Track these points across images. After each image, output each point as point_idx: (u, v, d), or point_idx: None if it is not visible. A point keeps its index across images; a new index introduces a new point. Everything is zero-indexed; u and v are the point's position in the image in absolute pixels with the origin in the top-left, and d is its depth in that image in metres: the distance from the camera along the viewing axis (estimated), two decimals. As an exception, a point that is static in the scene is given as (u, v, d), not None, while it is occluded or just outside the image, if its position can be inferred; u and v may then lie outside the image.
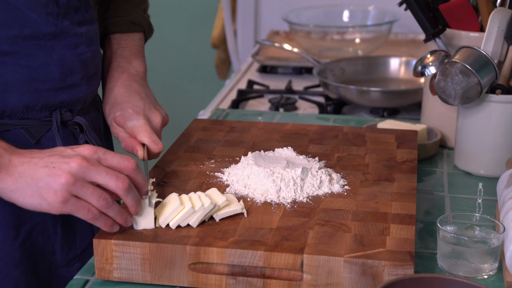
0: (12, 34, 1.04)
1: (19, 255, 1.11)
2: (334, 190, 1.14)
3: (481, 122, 1.33)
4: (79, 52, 1.12)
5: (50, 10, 1.07)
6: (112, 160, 0.96)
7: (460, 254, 1.01)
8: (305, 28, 2.20)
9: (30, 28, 1.05)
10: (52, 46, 1.08)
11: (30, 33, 1.05)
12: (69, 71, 1.11)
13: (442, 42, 1.41)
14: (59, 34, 1.08)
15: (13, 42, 1.04)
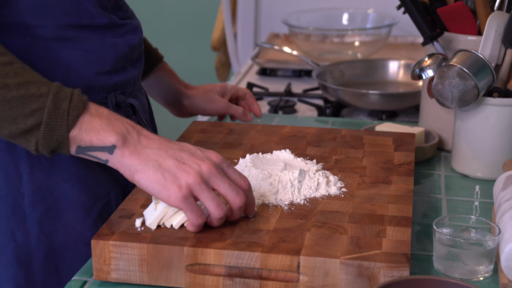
0: (74, 22, 1.10)
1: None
2: (331, 192, 1.14)
3: (478, 125, 1.34)
4: (127, 38, 1.19)
5: (103, 4, 1.15)
6: (233, 175, 1.01)
7: (455, 256, 1.01)
8: (304, 31, 2.21)
9: (88, 19, 1.12)
10: (104, 34, 1.15)
11: (87, 23, 1.12)
12: (121, 54, 1.17)
13: (440, 46, 1.41)
14: (109, 25, 1.15)
15: (73, 29, 1.10)
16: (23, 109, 0.96)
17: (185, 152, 0.99)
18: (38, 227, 1.12)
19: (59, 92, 0.98)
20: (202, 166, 0.98)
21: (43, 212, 1.12)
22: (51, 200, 1.12)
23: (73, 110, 0.98)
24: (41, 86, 0.98)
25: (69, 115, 0.97)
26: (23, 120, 0.97)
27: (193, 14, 3.75)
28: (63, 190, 1.13)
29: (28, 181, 1.11)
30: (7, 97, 0.96)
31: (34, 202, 1.11)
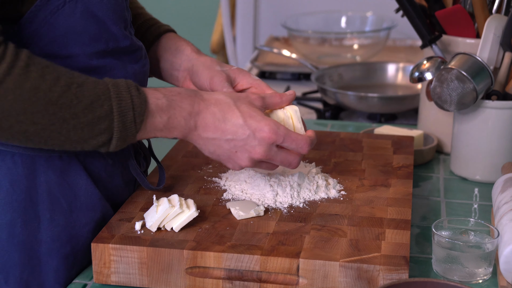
0: (100, 48, 1.06)
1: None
2: (331, 195, 1.15)
3: (477, 128, 1.34)
4: (142, 64, 1.14)
5: (126, 24, 1.10)
6: (290, 147, 1.06)
7: (454, 258, 1.02)
8: (303, 34, 2.21)
9: (113, 42, 1.07)
10: (124, 60, 1.10)
11: (112, 47, 1.07)
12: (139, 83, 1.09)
13: (438, 49, 1.42)
14: (129, 48, 1.10)
15: (99, 57, 1.06)
16: (94, 131, 0.97)
17: (237, 141, 1.04)
18: (54, 277, 1.06)
19: (120, 104, 0.98)
20: (253, 154, 1.05)
21: (60, 261, 1.06)
22: (69, 248, 1.07)
23: (138, 117, 0.99)
24: (104, 102, 0.97)
25: (135, 123, 0.99)
26: (96, 139, 0.97)
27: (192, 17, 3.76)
28: (81, 237, 1.08)
29: (47, 227, 1.05)
30: (78, 126, 0.95)
31: (51, 249, 1.06)
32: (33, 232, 1.05)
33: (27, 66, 0.91)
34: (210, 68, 1.18)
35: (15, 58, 0.91)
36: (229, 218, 1.07)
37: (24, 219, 1.04)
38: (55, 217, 1.06)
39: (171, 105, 1.02)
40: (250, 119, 1.04)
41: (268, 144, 1.04)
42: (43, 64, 0.94)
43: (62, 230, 1.06)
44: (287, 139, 1.05)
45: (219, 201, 1.13)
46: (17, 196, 1.04)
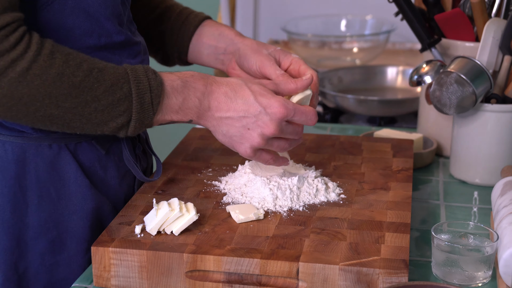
0: (92, 43, 1.09)
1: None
2: (330, 198, 1.15)
3: (476, 131, 1.34)
4: (139, 60, 1.17)
5: (120, 20, 1.12)
6: (300, 120, 1.09)
7: (454, 262, 1.02)
8: (303, 38, 2.22)
9: (105, 38, 1.10)
10: (120, 55, 1.13)
11: (105, 42, 1.10)
12: None
13: (437, 52, 1.42)
14: (125, 44, 1.13)
15: (91, 52, 1.08)
16: (114, 112, 1.02)
17: (249, 118, 1.07)
18: (39, 259, 1.11)
19: (139, 86, 1.03)
20: (265, 130, 1.07)
21: (45, 245, 1.11)
22: (55, 233, 1.11)
23: (155, 98, 1.04)
24: (123, 85, 1.02)
25: (153, 104, 1.04)
26: (115, 121, 1.03)
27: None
28: (68, 223, 1.12)
29: (35, 212, 1.10)
30: (99, 108, 1.01)
31: (38, 234, 1.10)
32: (21, 216, 1.09)
33: (52, 54, 0.98)
34: (258, 52, 1.21)
35: (41, 46, 0.97)
36: (229, 221, 1.07)
37: (13, 204, 1.08)
38: (43, 203, 1.10)
39: (185, 86, 1.06)
40: (260, 97, 1.07)
41: (279, 119, 1.07)
42: (67, 51, 1.00)
43: (49, 216, 1.10)
44: (297, 113, 1.08)
45: (219, 204, 1.13)
46: (7, 182, 1.08)
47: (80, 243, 1.13)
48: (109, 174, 1.16)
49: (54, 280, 1.12)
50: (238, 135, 1.08)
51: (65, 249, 1.12)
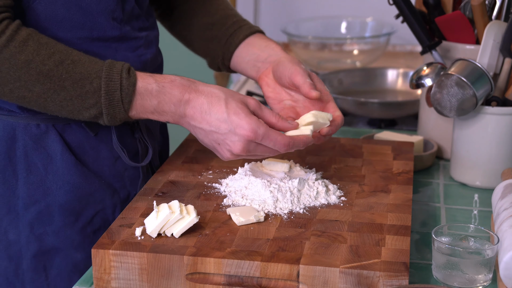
0: (83, 35, 1.15)
1: (78, 238, 1.21)
2: (331, 201, 1.15)
3: (477, 134, 1.34)
4: (139, 53, 1.22)
5: (115, 16, 1.17)
6: (268, 146, 1.09)
7: (454, 265, 1.02)
8: (303, 40, 2.22)
9: (98, 31, 1.16)
10: (116, 48, 1.18)
11: (97, 36, 1.16)
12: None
13: (438, 55, 1.42)
14: (121, 38, 1.19)
15: (82, 43, 1.15)
16: (84, 104, 1.09)
17: (219, 134, 1.09)
18: (29, 228, 1.19)
19: (109, 84, 1.08)
20: (232, 148, 1.09)
21: (34, 215, 1.19)
22: (43, 204, 1.19)
23: (126, 97, 1.09)
24: (93, 80, 1.08)
25: (123, 102, 1.09)
26: (87, 111, 1.09)
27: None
28: (56, 196, 1.19)
29: (24, 184, 1.18)
30: (68, 97, 1.08)
31: (27, 204, 1.18)
32: (12, 188, 1.18)
33: (25, 41, 1.05)
34: (295, 63, 1.24)
35: (15, 33, 1.05)
36: (229, 224, 1.07)
37: (4, 177, 1.18)
38: (31, 177, 1.18)
39: (160, 91, 1.10)
40: (233, 115, 1.08)
41: (247, 141, 1.08)
42: (43, 41, 1.07)
43: (37, 188, 1.18)
44: (266, 139, 1.08)
45: (219, 207, 1.13)
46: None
47: (67, 216, 1.20)
48: (102, 154, 1.22)
49: (44, 249, 1.20)
50: (210, 146, 1.12)
51: (54, 220, 1.19)
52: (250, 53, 1.31)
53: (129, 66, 1.10)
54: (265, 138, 1.08)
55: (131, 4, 1.19)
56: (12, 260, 1.20)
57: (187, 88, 1.10)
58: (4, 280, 1.21)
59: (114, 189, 1.24)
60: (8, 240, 1.19)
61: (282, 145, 1.09)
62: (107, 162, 1.23)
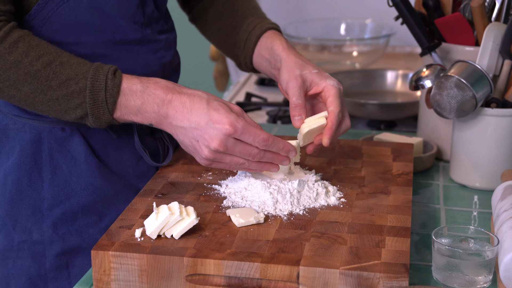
0: (106, 39, 1.18)
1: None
2: (330, 202, 1.15)
3: (476, 135, 1.34)
4: (160, 56, 1.25)
5: (137, 19, 1.20)
6: (247, 141, 1.10)
7: (454, 266, 1.02)
8: (303, 41, 2.22)
9: (120, 34, 1.19)
10: (137, 51, 1.22)
11: (120, 39, 1.19)
12: (151, 73, 1.23)
13: (437, 56, 1.42)
14: (142, 41, 1.22)
15: (106, 46, 1.18)
16: (69, 104, 1.11)
17: (198, 131, 1.10)
18: (52, 228, 1.22)
19: (94, 84, 1.10)
20: (210, 144, 1.09)
21: (58, 216, 1.22)
22: (67, 205, 1.22)
23: (110, 98, 1.11)
24: (79, 81, 1.10)
25: (107, 103, 1.11)
26: (73, 112, 1.12)
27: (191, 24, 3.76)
28: (80, 197, 1.23)
29: (49, 186, 1.22)
30: (54, 97, 1.10)
31: (52, 205, 1.22)
32: (37, 189, 1.22)
33: (15, 43, 1.09)
34: (291, 71, 1.22)
35: (7, 35, 1.09)
36: (229, 225, 1.07)
37: (30, 179, 1.22)
38: (56, 179, 1.22)
39: (144, 91, 1.11)
40: (213, 111, 1.09)
41: (225, 135, 1.08)
42: (34, 43, 1.10)
43: (62, 189, 1.22)
44: (245, 133, 1.09)
45: (219, 208, 1.13)
46: (25, 159, 1.21)
47: (91, 216, 1.23)
48: (125, 155, 1.26)
49: (67, 248, 1.23)
50: (191, 146, 1.12)
51: (77, 220, 1.23)
52: (264, 58, 1.32)
53: (116, 68, 1.12)
54: (244, 133, 1.09)
55: (150, 8, 1.22)
56: (36, 260, 1.23)
57: (171, 89, 1.12)
58: (27, 279, 1.23)
59: (138, 189, 1.26)
60: (32, 240, 1.22)
61: (262, 139, 1.10)
62: (130, 163, 1.26)
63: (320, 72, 1.21)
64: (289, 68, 1.22)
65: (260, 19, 1.36)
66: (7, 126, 1.22)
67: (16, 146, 1.22)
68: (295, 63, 1.23)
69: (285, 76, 1.22)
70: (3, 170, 1.23)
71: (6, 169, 1.23)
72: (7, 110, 1.22)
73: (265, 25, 1.34)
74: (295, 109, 1.17)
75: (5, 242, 1.24)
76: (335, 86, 1.19)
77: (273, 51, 1.29)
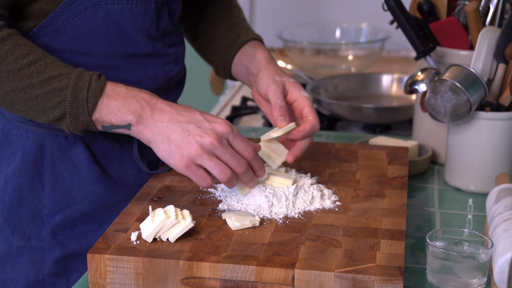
0: (118, 51, 1.18)
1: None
2: (326, 205, 1.15)
3: (471, 139, 1.35)
4: (168, 69, 1.26)
5: (150, 34, 1.21)
6: (238, 145, 1.09)
7: (449, 269, 1.02)
8: (298, 45, 2.22)
9: (132, 47, 1.19)
10: (147, 64, 1.22)
11: (132, 52, 1.20)
12: (158, 85, 1.24)
13: (432, 60, 1.43)
14: (153, 54, 1.22)
15: (117, 58, 1.19)
16: (49, 103, 1.09)
17: (192, 125, 1.08)
18: (51, 234, 1.22)
19: (77, 83, 1.09)
20: (204, 138, 1.07)
21: (58, 222, 1.22)
22: (68, 213, 1.22)
23: (91, 97, 1.09)
24: (62, 79, 1.09)
25: (88, 102, 1.09)
26: (52, 111, 1.10)
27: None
28: (80, 206, 1.22)
29: (50, 193, 1.22)
30: (34, 95, 1.09)
31: (52, 212, 1.22)
32: (38, 196, 1.21)
33: (2, 40, 1.08)
34: (269, 77, 1.25)
35: None
36: (224, 228, 1.08)
37: (31, 185, 1.21)
38: (57, 186, 1.21)
39: (128, 93, 1.10)
40: (206, 114, 1.10)
41: (221, 133, 1.08)
42: (21, 42, 1.09)
43: (62, 197, 1.22)
44: (238, 137, 1.09)
45: (214, 211, 1.13)
46: (26, 165, 1.21)
47: (90, 223, 1.23)
48: (127, 164, 1.26)
49: (66, 254, 1.23)
50: (177, 141, 1.08)
51: (76, 227, 1.23)
52: (243, 65, 1.33)
53: (100, 73, 1.11)
54: (237, 136, 1.09)
55: (165, 22, 1.23)
56: (34, 265, 1.23)
57: (155, 95, 1.12)
58: (25, 284, 1.23)
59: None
60: (31, 246, 1.22)
61: (251, 148, 1.10)
62: (132, 172, 1.26)
63: (295, 83, 1.26)
64: (269, 75, 1.25)
65: (246, 29, 1.38)
66: (9, 132, 1.22)
67: (18, 152, 1.22)
68: (274, 71, 1.27)
69: (265, 80, 1.24)
70: (4, 176, 1.23)
71: (6, 175, 1.23)
72: (11, 116, 1.21)
73: (250, 35, 1.36)
74: (280, 110, 1.21)
75: (3, 247, 1.24)
76: (308, 98, 1.24)
77: (254, 59, 1.31)
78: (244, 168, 1.09)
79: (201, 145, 1.07)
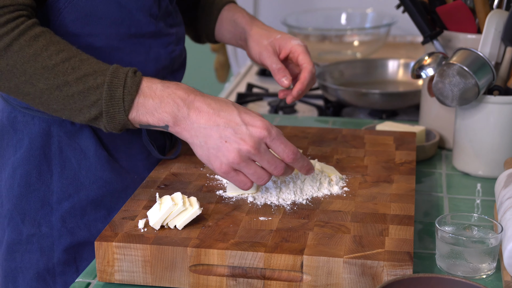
0: (121, 31, 1.17)
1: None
2: (333, 191, 1.15)
3: (479, 123, 1.34)
4: (170, 50, 1.24)
5: (152, 12, 1.20)
6: (277, 149, 1.06)
7: (458, 254, 1.02)
8: (303, 32, 2.21)
9: (135, 27, 1.18)
10: (150, 45, 1.21)
11: (135, 32, 1.18)
12: (161, 66, 1.24)
13: (439, 44, 1.42)
14: (156, 34, 1.21)
15: (120, 39, 1.17)
16: (85, 101, 1.07)
17: (229, 129, 1.05)
18: (61, 221, 1.22)
19: (113, 80, 1.07)
20: (242, 145, 1.05)
21: (67, 209, 1.21)
22: (76, 199, 1.21)
23: (127, 95, 1.07)
24: (97, 76, 1.07)
25: (124, 101, 1.07)
26: (88, 111, 1.08)
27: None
28: (89, 191, 1.22)
29: (58, 179, 1.21)
30: (69, 93, 1.07)
31: (61, 199, 1.21)
32: (46, 182, 1.21)
33: (36, 37, 1.06)
34: (258, 43, 1.28)
35: (28, 28, 1.06)
36: (232, 215, 1.07)
37: (39, 172, 1.21)
38: (65, 172, 1.21)
39: (165, 90, 1.08)
40: (244, 114, 1.07)
41: (259, 138, 1.05)
42: (55, 39, 1.08)
43: (71, 183, 1.21)
44: (277, 140, 1.06)
45: (222, 198, 1.13)
46: (34, 152, 1.20)
47: (99, 210, 1.22)
48: (135, 149, 1.24)
49: (75, 242, 1.22)
50: (215, 147, 1.06)
51: (86, 214, 1.22)
52: (227, 31, 1.38)
53: (136, 69, 1.09)
54: (276, 139, 1.05)
55: (166, 1, 1.22)
56: (44, 253, 1.22)
57: (193, 91, 1.09)
58: (35, 273, 1.23)
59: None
60: (41, 234, 1.22)
61: (292, 151, 1.06)
62: (140, 157, 1.25)
63: (283, 36, 1.30)
64: (257, 41, 1.29)
65: None
66: (15, 119, 1.21)
67: (24, 139, 1.21)
68: (260, 34, 1.30)
69: (255, 49, 1.29)
70: (11, 163, 1.23)
71: (14, 162, 1.22)
72: (17, 103, 1.21)
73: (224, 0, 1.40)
74: (279, 71, 1.25)
75: (13, 236, 1.23)
76: (300, 44, 1.28)
77: (237, 24, 1.35)
78: (282, 171, 1.07)
79: (238, 152, 1.05)
